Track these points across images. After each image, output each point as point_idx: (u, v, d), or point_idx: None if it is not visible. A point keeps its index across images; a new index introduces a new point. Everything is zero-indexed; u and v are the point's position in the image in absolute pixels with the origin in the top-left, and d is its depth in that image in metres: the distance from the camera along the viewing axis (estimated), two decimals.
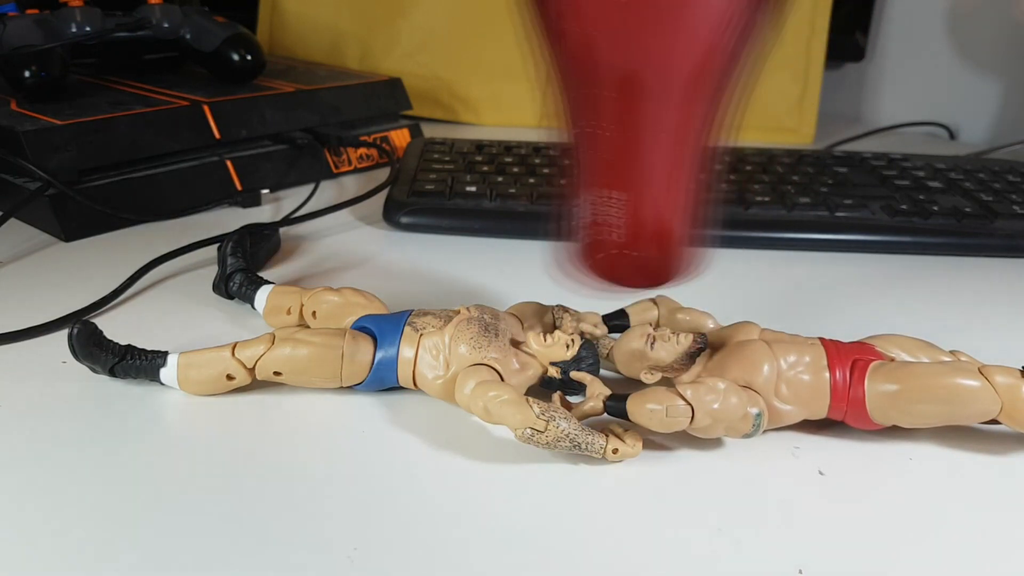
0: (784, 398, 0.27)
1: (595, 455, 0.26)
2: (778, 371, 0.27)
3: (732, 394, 0.26)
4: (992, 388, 0.26)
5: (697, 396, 0.26)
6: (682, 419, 0.26)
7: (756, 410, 0.26)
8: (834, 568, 0.22)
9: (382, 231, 0.46)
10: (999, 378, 0.26)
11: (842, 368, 0.27)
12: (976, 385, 0.26)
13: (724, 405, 0.26)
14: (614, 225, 0.26)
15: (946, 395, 0.26)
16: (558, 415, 0.25)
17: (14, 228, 0.44)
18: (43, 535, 0.22)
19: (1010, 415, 0.26)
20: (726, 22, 0.23)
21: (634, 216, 0.26)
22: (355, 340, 0.29)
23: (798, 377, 0.27)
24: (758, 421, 0.26)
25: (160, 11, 0.54)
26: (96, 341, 0.28)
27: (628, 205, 0.26)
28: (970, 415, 0.26)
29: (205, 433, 0.27)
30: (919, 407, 0.26)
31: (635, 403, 0.26)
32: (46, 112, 0.45)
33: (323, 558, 0.22)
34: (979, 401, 0.26)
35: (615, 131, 0.25)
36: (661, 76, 0.23)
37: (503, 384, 0.27)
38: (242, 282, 0.35)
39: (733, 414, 0.26)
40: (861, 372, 0.27)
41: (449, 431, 0.28)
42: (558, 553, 0.23)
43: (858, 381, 0.27)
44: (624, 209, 0.26)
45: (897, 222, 0.45)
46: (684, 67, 0.23)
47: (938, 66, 0.76)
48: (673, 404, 0.26)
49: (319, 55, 0.74)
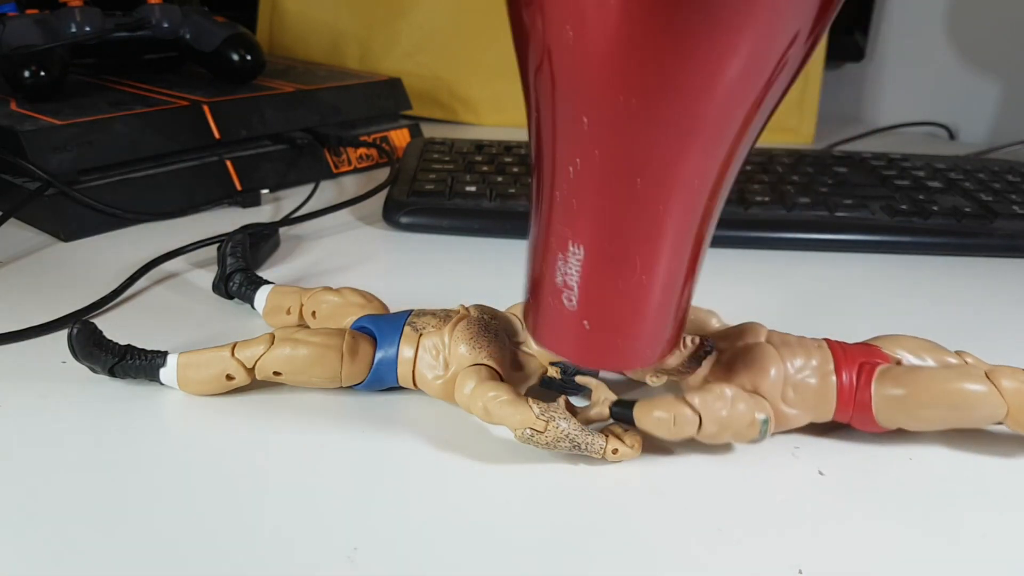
0: (791, 402, 0.27)
1: (595, 455, 0.26)
2: (785, 375, 0.27)
3: (740, 401, 0.25)
4: (999, 393, 0.26)
5: (705, 404, 0.25)
6: (689, 427, 0.25)
7: (763, 416, 0.26)
8: (834, 568, 0.22)
9: (382, 231, 0.46)
10: (1006, 382, 0.26)
11: (849, 372, 0.27)
12: (983, 390, 0.26)
13: (732, 412, 0.25)
14: (566, 288, 0.22)
15: (952, 400, 0.26)
16: (557, 415, 0.25)
17: (14, 228, 0.44)
18: (43, 535, 0.22)
19: (1016, 419, 0.26)
20: (768, 37, 0.17)
21: (593, 280, 0.22)
22: (355, 340, 0.29)
23: (805, 381, 0.27)
24: (765, 427, 0.26)
25: (160, 11, 0.54)
26: (96, 341, 0.28)
27: (587, 264, 0.21)
28: (976, 419, 0.26)
29: (205, 433, 0.27)
30: (925, 411, 0.26)
31: (642, 411, 0.26)
32: (46, 112, 0.45)
33: (323, 558, 0.22)
34: (985, 406, 0.26)
35: (587, 166, 0.20)
36: (655, 105, 0.18)
37: (503, 384, 0.27)
38: (242, 282, 0.35)
39: (740, 421, 0.25)
40: (868, 376, 0.27)
41: (449, 431, 0.28)
42: (558, 553, 0.23)
43: (865, 385, 0.27)
44: (582, 269, 0.22)
45: (897, 222, 0.45)
46: (695, 99, 0.18)
47: (938, 66, 0.76)
48: (681, 412, 0.25)
49: (319, 55, 0.74)
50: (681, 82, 0.17)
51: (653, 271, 0.21)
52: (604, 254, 0.21)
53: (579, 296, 0.22)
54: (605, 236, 0.21)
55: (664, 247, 0.21)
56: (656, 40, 0.17)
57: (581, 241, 0.21)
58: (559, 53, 0.18)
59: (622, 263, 0.21)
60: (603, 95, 0.18)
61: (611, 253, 0.21)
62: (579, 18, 0.17)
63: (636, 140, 0.19)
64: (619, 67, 0.17)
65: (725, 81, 0.18)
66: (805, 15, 0.17)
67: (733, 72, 0.17)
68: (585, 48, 0.17)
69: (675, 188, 0.20)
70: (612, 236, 0.21)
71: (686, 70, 0.17)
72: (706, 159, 0.19)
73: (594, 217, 0.21)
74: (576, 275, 0.22)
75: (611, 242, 0.21)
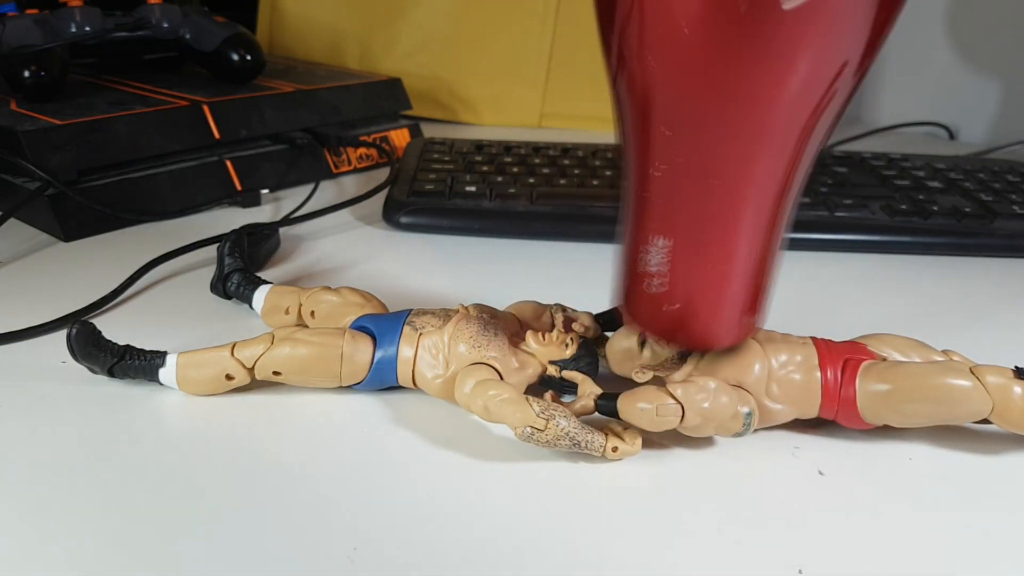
0: (775, 397, 0.27)
1: (595, 453, 0.26)
2: (769, 370, 0.27)
3: (722, 393, 0.26)
4: (983, 388, 0.26)
5: (687, 395, 0.26)
6: (672, 418, 0.26)
7: (747, 409, 0.26)
8: (834, 568, 0.22)
9: (382, 231, 0.46)
10: (990, 378, 0.26)
11: (833, 368, 0.27)
12: (967, 385, 0.26)
13: (714, 404, 0.26)
14: (656, 275, 0.25)
15: (937, 395, 0.26)
16: (558, 414, 0.25)
17: (14, 228, 0.44)
18: (42, 536, 0.22)
19: (1001, 415, 0.26)
20: (825, 59, 0.21)
21: (682, 268, 0.25)
22: (354, 340, 0.29)
23: (789, 376, 0.27)
24: (748, 420, 0.26)
25: (160, 11, 0.54)
26: (95, 342, 0.28)
27: (676, 255, 0.25)
28: (961, 415, 0.26)
29: (204, 433, 0.27)
30: (910, 406, 0.26)
31: (626, 402, 0.26)
32: (46, 112, 0.45)
33: (323, 558, 0.22)
34: (970, 401, 0.26)
35: (675, 173, 0.23)
36: (734, 120, 0.22)
37: (503, 383, 0.27)
38: (240, 282, 0.35)
39: (723, 413, 0.26)
40: (852, 372, 0.27)
41: (449, 431, 0.28)
42: (558, 553, 0.23)
43: (849, 381, 0.27)
44: (672, 259, 0.25)
45: (897, 222, 0.45)
46: (765, 110, 0.22)
47: (938, 66, 0.76)
48: (663, 403, 0.26)
49: (319, 55, 0.74)
50: (744, 97, 0.21)
51: (730, 260, 0.24)
52: (687, 245, 0.24)
53: (668, 281, 0.25)
54: (687, 230, 0.24)
55: (739, 239, 0.24)
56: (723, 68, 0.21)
57: (667, 234, 0.24)
58: (642, 75, 0.22)
59: (703, 253, 0.24)
60: (681, 109, 0.22)
61: (693, 244, 0.24)
62: (659, 49, 0.21)
63: (710, 147, 0.22)
64: (691, 86, 0.21)
65: (782, 98, 0.21)
66: (854, 48, 0.21)
67: (787, 92, 0.21)
68: (664, 72, 0.22)
69: (748, 188, 0.23)
70: (693, 229, 0.24)
71: (749, 88, 0.21)
72: (772, 162, 0.23)
73: (678, 213, 0.24)
74: (664, 263, 0.25)
75: (693, 235, 0.24)
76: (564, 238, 0.45)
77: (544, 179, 0.48)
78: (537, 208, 0.45)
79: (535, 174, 0.49)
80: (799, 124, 0.22)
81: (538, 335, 0.29)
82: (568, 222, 0.45)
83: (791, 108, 0.22)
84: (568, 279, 0.40)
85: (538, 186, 0.47)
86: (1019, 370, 0.26)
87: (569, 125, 0.72)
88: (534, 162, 0.51)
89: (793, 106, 0.22)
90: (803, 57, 0.20)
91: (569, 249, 0.44)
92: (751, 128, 0.22)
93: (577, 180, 0.48)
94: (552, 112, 0.72)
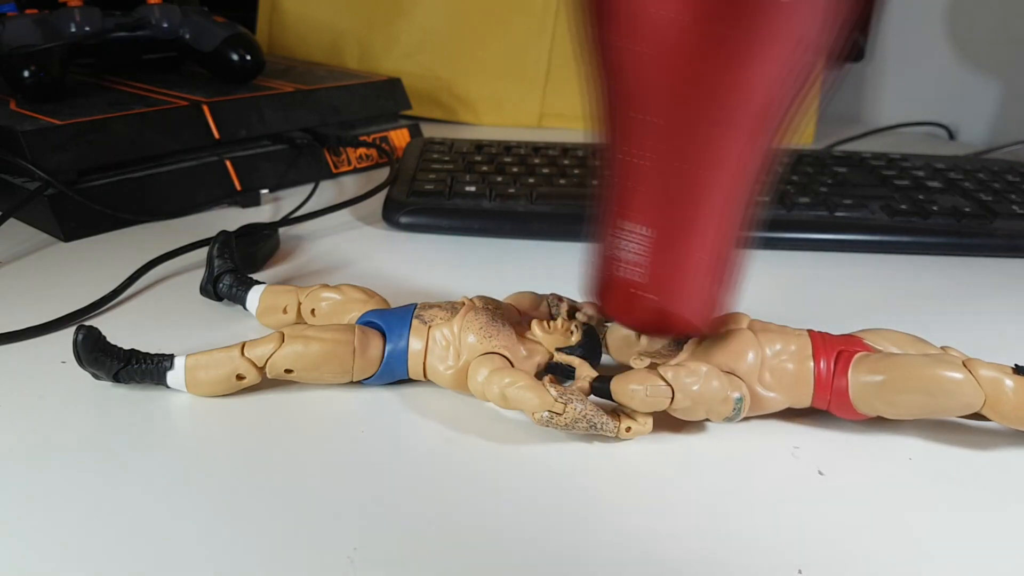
0: (767, 385, 0.27)
1: (609, 434, 0.27)
2: (762, 359, 0.27)
3: (713, 377, 0.26)
4: (975, 381, 0.26)
5: (677, 378, 0.26)
6: (662, 399, 0.26)
7: (737, 395, 0.26)
8: (834, 568, 0.22)
9: (381, 231, 0.46)
10: (983, 371, 0.26)
11: (827, 358, 0.27)
12: (959, 377, 0.26)
13: (704, 387, 0.26)
14: (635, 264, 0.26)
15: (929, 386, 0.26)
16: (574, 397, 0.26)
17: (13, 228, 0.44)
18: (43, 536, 0.22)
19: (993, 408, 0.26)
20: (801, 44, 0.22)
21: (658, 256, 0.25)
22: (365, 335, 0.29)
23: (782, 365, 0.27)
24: (739, 405, 0.26)
25: (159, 11, 0.54)
26: (101, 347, 0.28)
27: (653, 243, 0.25)
28: (953, 407, 0.26)
29: (204, 433, 0.27)
30: (902, 397, 0.26)
31: (618, 383, 0.27)
32: (45, 112, 0.45)
33: (323, 558, 0.22)
34: (962, 393, 0.26)
35: (653, 160, 0.24)
36: (714, 106, 0.22)
37: (516, 370, 0.27)
38: (232, 283, 0.34)
39: (713, 397, 0.26)
40: (845, 362, 0.27)
41: (448, 430, 0.28)
42: (558, 554, 0.23)
43: (842, 371, 0.27)
44: (648, 247, 0.25)
45: (896, 222, 0.45)
46: (743, 96, 0.22)
47: (938, 66, 0.76)
48: (654, 384, 0.26)
49: (318, 55, 0.74)
50: (723, 86, 0.22)
51: (703, 247, 0.25)
52: (665, 232, 0.25)
53: (645, 270, 0.26)
54: (665, 217, 0.25)
55: (710, 226, 0.25)
56: (705, 60, 0.22)
57: (642, 221, 0.25)
58: (633, 66, 0.23)
59: (681, 240, 0.25)
60: (665, 98, 0.23)
61: (670, 231, 0.25)
62: (650, 38, 0.22)
63: (690, 135, 0.23)
64: (677, 74, 0.22)
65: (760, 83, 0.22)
66: (810, 29, 0.22)
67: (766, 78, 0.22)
68: (655, 61, 0.22)
69: (721, 174, 0.24)
70: (671, 216, 0.25)
71: (727, 78, 0.22)
72: (747, 148, 0.24)
73: (655, 201, 0.25)
74: (639, 250, 0.25)
75: (670, 221, 0.25)
76: (564, 238, 0.45)
77: (544, 179, 0.48)
78: (537, 208, 0.45)
79: (535, 174, 0.49)
80: (775, 109, 0.23)
81: (543, 324, 0.29)
82: (568, 222, 0.45)
83: (769, 92, 0.22)
84: (568, 279, 0.40)
85: (538, 186, 0.47)
86: (1019, 368, 0.26)
87: (569, 125, 0.72)
88: (534, 162, 0.51)
89: (770, 90, 0.22)
90: (784, 40, 0.21)
91: (569, 249, 0.44)
92: (728, 114, 0.23)
93: (577, 180, 0.48)
94: (552, 112, 0.72)
